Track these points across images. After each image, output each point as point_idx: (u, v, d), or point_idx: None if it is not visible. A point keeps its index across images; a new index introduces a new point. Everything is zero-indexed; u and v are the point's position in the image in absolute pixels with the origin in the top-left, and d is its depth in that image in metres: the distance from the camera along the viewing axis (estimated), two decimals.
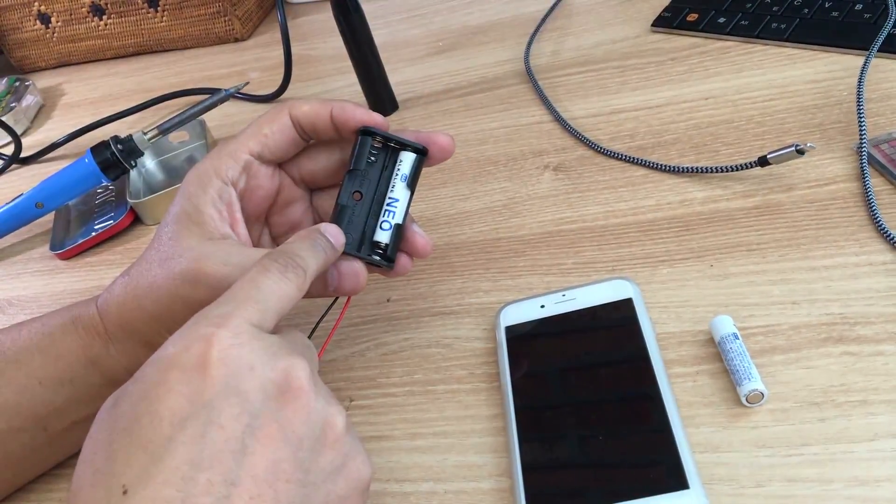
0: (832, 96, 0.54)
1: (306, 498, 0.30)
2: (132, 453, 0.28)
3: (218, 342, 0.30)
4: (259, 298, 0.33)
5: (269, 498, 0.28)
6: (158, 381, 0.29)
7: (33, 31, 1.01)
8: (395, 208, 0.42)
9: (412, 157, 0.42)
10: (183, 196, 0.42)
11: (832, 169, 0.49)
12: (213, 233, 0.41)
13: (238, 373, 0.30)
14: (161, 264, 0.41)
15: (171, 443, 0.28)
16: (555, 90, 0.65)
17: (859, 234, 0.44)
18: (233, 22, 0.94)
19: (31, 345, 0.44)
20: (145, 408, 0.29)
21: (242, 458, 0.28)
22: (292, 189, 0.45)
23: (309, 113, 0.42)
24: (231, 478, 0.28)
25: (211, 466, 0.28)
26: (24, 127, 0.91)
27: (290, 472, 0.29)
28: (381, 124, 0.42)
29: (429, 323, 0.49)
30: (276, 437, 0.29)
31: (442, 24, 0.83)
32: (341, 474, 0.31)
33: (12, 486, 0.46)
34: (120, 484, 0.27)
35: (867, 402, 0.36)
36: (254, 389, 0.30)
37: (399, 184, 0.42)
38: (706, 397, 0.39)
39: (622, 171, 0.55)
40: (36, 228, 0.71)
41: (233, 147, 0.42)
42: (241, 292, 0.33)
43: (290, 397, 0.30)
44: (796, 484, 0.34)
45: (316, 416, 0.31)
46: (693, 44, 0.65)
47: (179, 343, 0.30)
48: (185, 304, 0.40)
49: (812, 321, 0.41)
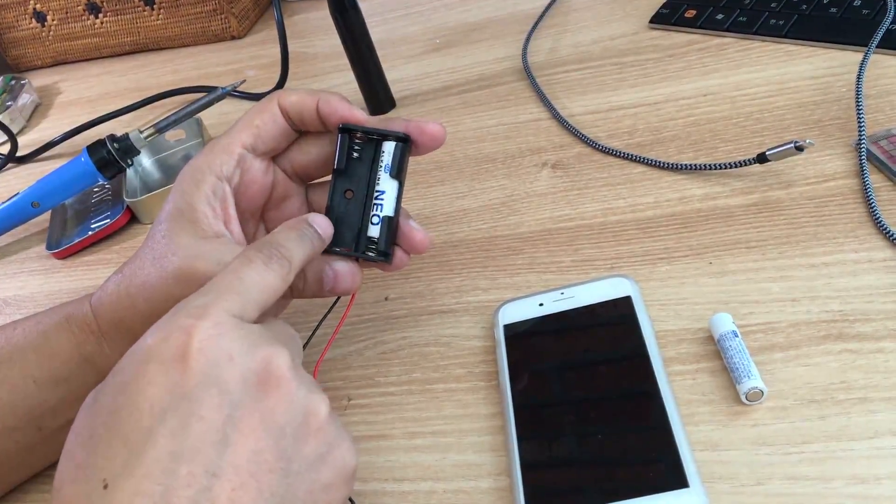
0: (831, 93, 0.54)
1: (290, 487, 0.30)
2: (112, 447, 0.28)
3: (197, 333, 0.29)
4: (241, 289, 0.32)
5: (252, 488, 0.28)
6: (137, 373, 0.29)
7: (29, 30, 1.00)
8: (382, 201, 0.41)
9: (392, 146, 0.41)
10: (177, 193, 0.42)
11: (831, 166, 0.49)
12: (207, 231, 0.41)
13: (218, 363, 0.29)
14: (154, 263, 0.40)
15: (152, 435, 0.28)
16: (552, 87, 0.65)
17: (858, 230, 0.44)
18: (229, 20, 0.93)
19: (24, 343, 0.44)
20: (124, 400, 0.29)
21: (224, 449, 0.28)
22: (287, 184, 0.44)
23: (297, 103, 0.42)
24: (213, 469, 0.28)
25: (192, 458, 0.27)
26: (20, 126, 0.91)
27: (273, 461, 0.29)
28: (361, 121, 0.41)
29: (427, 321, 0.48)
30: (258, 426, 0.29)
31: (439, 21, 0.82)
32: (325, 462, 0.31)
33: (7, 486, 0.45)
34: (101, 478, 0.27)
35: (867, 399, 0.36)
36: (234, 379, 0.29)
37: (383, 175, 0.41)
38: (706, 395, 0.39)
39: (620, 169, 0.54)
40: (32, 228, 0.70)
41: (225, 142, 0.42)
42: (223, 283, 0.32)
43: (271, 386, 0.30)
44: (796, 482, 0.34)
45: (298, 404, 0.31)
46: (691, 40, 0.65)
47: (158, 334, 0.30)
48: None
49: (812, 318, 0.40)
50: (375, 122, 0.42)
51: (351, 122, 0.41)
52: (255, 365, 0.30)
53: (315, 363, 0.42)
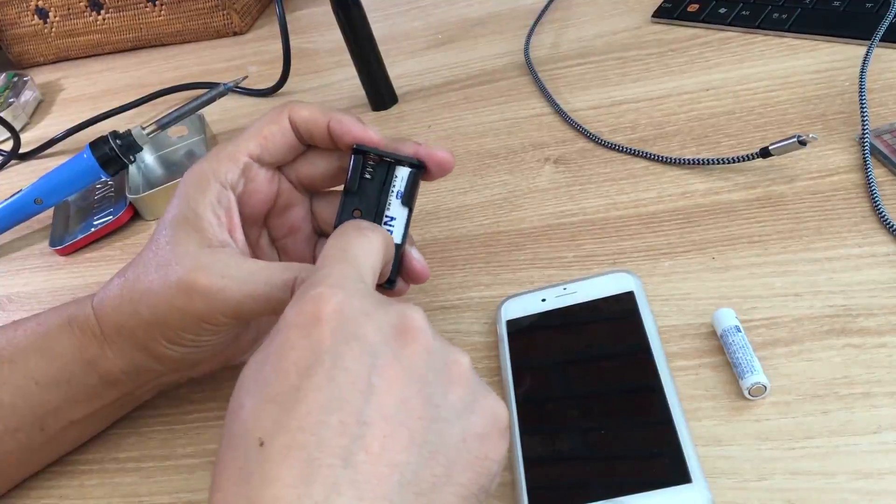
0: (834, 87, 0.54)
1: (440, 434, 0.29)
2: (263, 409, 0.28)
3: (329, 298, 0.30)
4: (349, 258, 0.34)
5: (402, 436, 0.28)
6: (280, 341, 0.30)
7: (31, 26, 1.00)
8: (392, 227, 0.41)
9: (407, 173, 0.41)
10: (181, 199, 0.41)
11: (834, 160, 0.48)
12: (212, 239, 0.40)
13: (354, 319, 0.30)
14: (157, 270, 0.40)
15: (300, 391, 0.28)
16: (555, 82, 0.65)
17: (862, 225, 0.44)
18: (231, 16, 0.93)
19: (27, 345, 0.43)
20: (271, 366, 0.29)
21: (370, 398, 0.28)
22: (291, 193, 0.44)
23: (308, 119, 0.41)
24: (363, 417, 0.28)
25: (341, 408, 0.28)
26: (22, 122, 0.91)
27: (420, 408, 0.29)
28: (376, 142, 0.41)
29: (429, 317, 0.48)
30: (401, 375, 0.29)
31: (441, 17, 0.82)
32: (474, 411, 0.31)
33: (9, 486, 0.46)
34: (255, 437, 0.28)
35: (870, 394, 0.36)
36: (372, 332, 0.30)
37: (394, 201, 0.41)
38: (708, 390, 0.39)
39: (623, 164, 0.54)
40: (35, 224, 0.70)
41: (231, 149, 0.42)
42: (334, 257, 0.34)
43: (409, 338, 0.31)
44: (799, 477, 0.34)
45: (438, 353, 0.31)
46: (694, 35, 0.64)
47: (292, 309, 0.31)
48: (182, 314, 0.39)
49: (815, 313, 0.40)
50: (388, 144, 0.41)
51: (365, 143, 0.41)
52: (390, 318, 0.31)
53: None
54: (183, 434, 0.46)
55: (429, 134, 0.65)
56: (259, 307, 0.39)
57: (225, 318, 0.39)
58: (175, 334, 0.40)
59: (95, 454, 0.47)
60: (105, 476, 0.46)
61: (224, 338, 0.42)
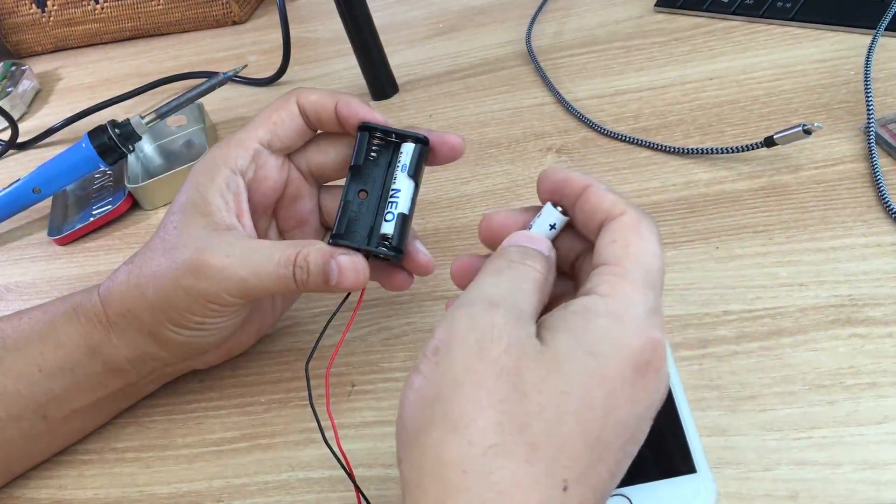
0: (839, 76, 0.54)
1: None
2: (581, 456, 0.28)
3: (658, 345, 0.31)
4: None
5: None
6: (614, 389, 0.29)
7: (29, 15, 1.00)
8: (397, 199, 0.41)
9: (412, 147, 0.41)
10: (190, 185, 0.42)
11: (839, 149, 0.48)
12: (219, 223, 0.40)
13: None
14: (165, 254, 0.40)
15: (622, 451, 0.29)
16: (557, 71, 0.65)
17: (867, 214, 0.44)
18: (230, 4, 0.93)
19: (31, 333, 0.43)
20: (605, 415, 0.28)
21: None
22: (300, 183, 0.44)
23: (316, 103, 0.41)
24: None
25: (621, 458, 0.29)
26: (20, 112, 0.90)
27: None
28: (381, 122, 0.41)
29: (431, 307, 0.48)
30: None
31: (442, 6, 0.82)
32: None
33: (11, 474, 0.45)
34: (561, 479, 0.27)
35: (876, 384, 0.36)
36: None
37: (400, 174, 0.41)
38: (713, 380, 0.39)
39: (626, 153, 0.54)
40: (33, 214, 0.70)
41: (242, 136, 0.42)
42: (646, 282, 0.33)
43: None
44: (804, 467, 0.34)
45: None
46: (697, 24, 0.64)
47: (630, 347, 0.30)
48: (188, 295, 0.39)
49: (820, 303, 0.40)
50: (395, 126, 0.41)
51: (372, 122, 0.41)
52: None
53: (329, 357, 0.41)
54: (182, 424, 0.46)
55: (430, 123, 0.64)
56: (263, 285, 0.39)
57: (230, 296, 0.39)
58: (180, 316, 0.40)
59: (95, 444, 0.47)
60: (104, 466, 0.45)
61: (229, 321, 0.42)
